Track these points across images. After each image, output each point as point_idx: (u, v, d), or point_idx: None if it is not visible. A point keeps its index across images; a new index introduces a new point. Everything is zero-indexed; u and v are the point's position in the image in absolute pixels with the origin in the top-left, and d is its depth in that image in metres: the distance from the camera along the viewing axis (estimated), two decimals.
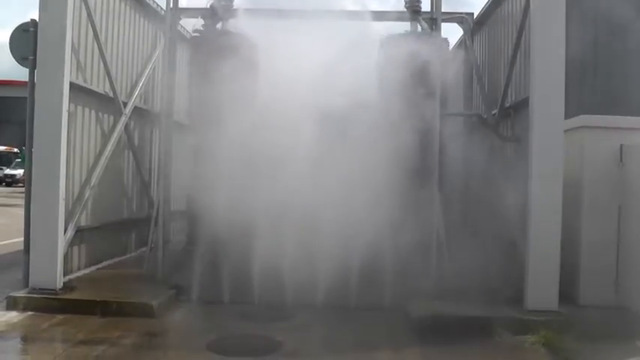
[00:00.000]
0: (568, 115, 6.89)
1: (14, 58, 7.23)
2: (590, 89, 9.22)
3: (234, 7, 9.21)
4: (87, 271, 7.99)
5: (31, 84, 7.05)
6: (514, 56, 8.17)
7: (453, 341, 5.98)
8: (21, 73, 7.86)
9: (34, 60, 6.94)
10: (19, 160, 36.53)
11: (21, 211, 7.53)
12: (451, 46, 10.17)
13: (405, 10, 9.06)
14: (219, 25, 9.38)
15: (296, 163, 7.17)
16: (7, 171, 36.62)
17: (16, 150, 38.33)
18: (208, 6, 9.15)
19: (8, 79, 39.03)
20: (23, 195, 7.30)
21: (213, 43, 8.66)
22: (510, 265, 7.33)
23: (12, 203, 20.37)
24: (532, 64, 6.96)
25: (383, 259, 7.19)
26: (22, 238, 7.21)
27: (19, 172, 35.56)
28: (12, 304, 6.53)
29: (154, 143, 10.19)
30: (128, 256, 9.34)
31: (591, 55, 9.33)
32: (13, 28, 7.31)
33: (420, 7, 8.79)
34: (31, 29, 6.99)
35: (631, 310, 6.84)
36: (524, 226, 7.03)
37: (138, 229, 9.64)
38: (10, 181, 35.44)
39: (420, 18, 9.00)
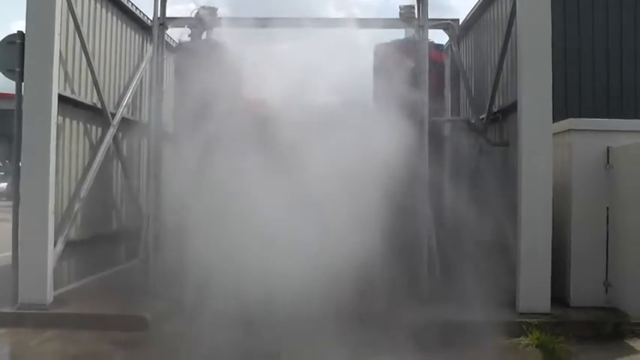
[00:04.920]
0: None
1: (0, 70, 7.16)
2: None
3: (219, 16, 9.24)
4: (77, 284, 7.89)
5: (18, 96, 6.98)
6: (501, 61, 8.25)
7: (446, 346, 6.02)
8: (3, 85, 7.80)
9: (21, 72, 6.88)
10: (2, 173, 36.14)
11: (5, 225, 7.44)
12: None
13: (397, 17, 9.13)
14: (204, 35, 9.41)
15: (284, 171, 7.17)
16: None
17: None
18: (193, 16, 9.19)
19: None
20: (6, 209, 7.22)
21: (196, 53, 8.66)
22: (502, 269, 7.38)
23: None
24: (519, 69, 7.05)
25: (375, 266, 7.19)
26: (9, 253, 7.11)
27: (2, 185, 35.17)
28: (1, 321, 6.44)
29: (142, 154, 10.13)
30: (119, 268, 9.24)
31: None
32: None
33: (414, 15, 8.86)
34: (18, 41, 6.94)
35: (621, 310, 6.93)
36: (514, 229, 7.10)
37: (128, 241, 9.55)
38: None
39: (409, 25, 9.08)
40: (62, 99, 7.22)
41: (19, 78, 6.95)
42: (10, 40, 7.03)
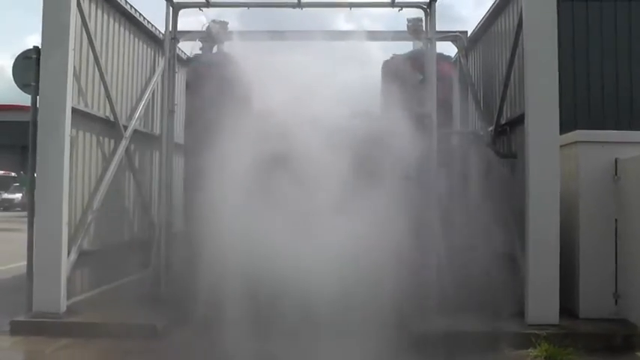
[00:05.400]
0: None
1: (17, 84, 7.35)
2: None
3: (230, 30, 9.40)
4: (90, 293, 8.00)
5: (33, 109, 7.16)
6: (508, 73, 8.31)
7: (455, 357, 6.03)
8: (17, 97, 7.97)
9: (37, 86, 7.06)
10: (17, 184, 36.62)
11: (20, 236, 7.59)
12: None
13: (405, 29, 9.24)
14: (215, 48, 9.57)
15: (295, 182, 7.25)
16: (5, 195, 36.64)
17: (13, 174, 38.41)
18: (204, 29, 9.36)
19: (5, 104, 39.29)
20: (21, 219, 7.37)
21: (207, 66, 8.83)
22: (511, 280, 7.40)
23: (11, 228, 20.34)
24: (526, 81, 7.11)
25: (384, 277, 7.23)
26: (23, 263, 7.26)
27: (17, 196, 35.69)
28: (16, 329, 6.57)
29: (154, 165, 10.28)
30: (131, 277, 9.34)
31: None
32: (16, 56, 7.47)
33: (422, 27, 8.95)
34: (34, 56, 7.12)
35: (630, 322, 6.92)
36: (523, 241, 7.13)
37: (140, 251, 9.66)
38: (7, 206, 35.43)
39: (418, 37, 9.18)
40: (76, 112, 7.37)
41: (35, 92, 7.13)
42: (27, 55, 7.23)
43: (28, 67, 7.18)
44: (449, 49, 10.80)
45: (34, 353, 6.09)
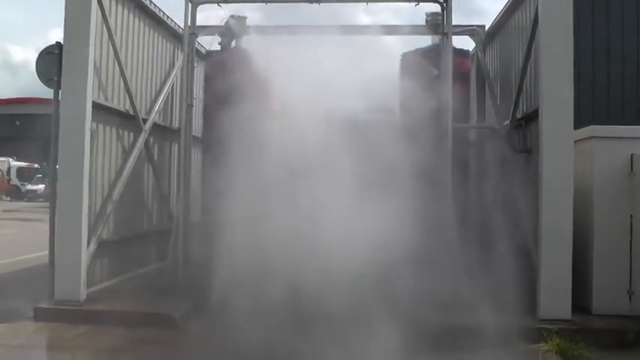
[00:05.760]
0: None
1: (40, 79, 7.53)
2: None
3: (249, 24, 9.50)
4: (109, 283, 8.21)
5: (55, 103, 7.36)
6: (524, 68, 8.29)
7: (467, 350, 6.08)
8: (39, 91, 8.15)
9: (59, 81, 7.25)
10: (40, 175, 37.33)
11: (43, 226, 7.80)
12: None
13: (424, 24, 9.25)
14: (233, 43, 9.68)
15: (311, 175, 7.35)
16: (29, 186, 37.36)
17: (36, 165, 39.14)
18: (223, 24, 9.47)
19: (28, 97, 40.05)
20: (45, 210, 7.58)
21: (225, 61, 8.95)
22: (523, 275, 7.41)
23: (35, 218, 20.82)
24: (541, 76, 7.10)
25: (397, 270, 7.30)
26: (45, 252, 7.47)
27: (40, 187, 36.37)
28: (39, 315, 6.80)
29: (173, 158, 10.46)
30: (149, 268, 9.56)
31: None
32: (39, 50, 7.66)
33: (439, 22, 8.94)
34: (56, 52, 7.31)
35: None
36: (536, 236, 7.14)
37: (158, 242, 9.87)
38: (31, 196, 36.15)
39: (435, 32, 9.19)
40: (96, 106, 7.54)
41: (57, 86, 7.32)
42: (49, 50, 7.40)
43: (50, 62, 7.37)
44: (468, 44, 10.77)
45: (56, 338, 6.32)
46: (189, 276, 8.30)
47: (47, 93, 7.70)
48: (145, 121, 9.09)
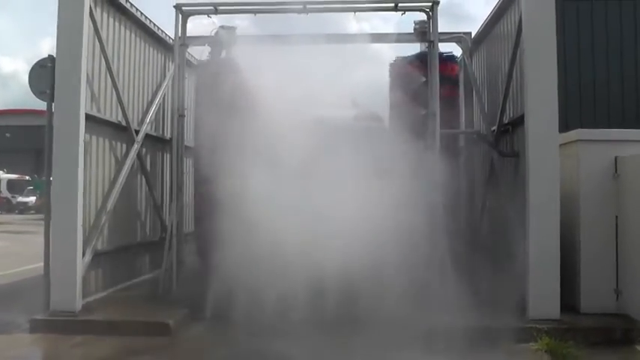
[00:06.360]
0: None
1: (33, 92, 7.62)
2: None
3: (238, 34, 9.60)
4: (104, 293, 8.26)
5: (49, 116, 7.44)
6: (510, 73, 8.47)
7: (458, 350, 6.17)
8: (30, 102, 8.20)
9: (52, 93, 7.32)
10: (31, 187, 37.20)
11: (34, 238, 7.84)
12: None
13: (412, 32, 9.40)
14: (223, 53, 9.78)
15: (301, 179, 7.47)
16: (20, 199, 37.18)
17: (27, 178, 38.97)
18: (213, 34, 9.56)
19: (18, 108, 39.89)
20: (36, 222, 7.63)
21: (215, 71, 9.05)
22: (513, 276, 7.54)
23: (26, 230, 20.72)
24: (526, 82, 7.28)
25: (389, 273, 7.40)
26: (38, 264, 7.51)
27: (32, 199, 36.25)
28: (35, 327, 6.83)
29: (165, 168, 10.53)
30: (143, 278, 9.62)
31: None
32: (28, 60, 7.76)
33: (427, 29, 9.08)
34: (49, 65, 7.39)
35: (631, 317, 7.05)
36: (524, 237, 7.28)
37: (151, 252, 9.94)
38: (22, 208, 35.97)
39: (422, 39, 9.34)
40: (89, 118, 7.61)
41: (50, 99, 7.40)
42: (42, 63, 7.50)
43: (43, 75, 7.45)
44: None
45: (53, 349, 6.37)
46: (183, 285, 8.37)
47: (38, 104, 7.76)
48: (137, 132, 9.17)
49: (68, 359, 6.10)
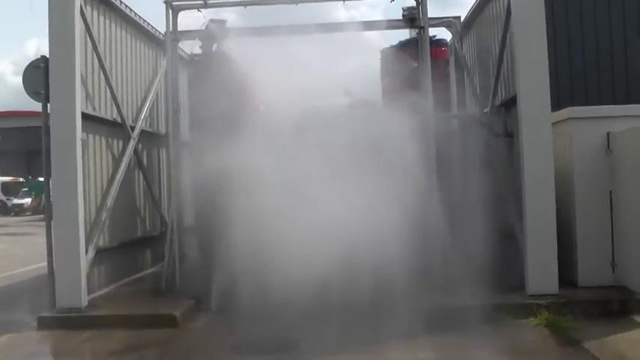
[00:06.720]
0: None
1: (27, 93, 7.61)
2: None
3: (228, 27, 9.62)
4: (108, 289, 8.35)
5: (45, 116, 7.46)
6: (501, 56, 8.55)
7: (460, 328, 6.30)
8: (18, 103, 8.21)
9: (47, 94, 7.35)
10: (26, 189, 37.07)
11: (32, 239, 7.90)
12: None
13: (400, 18, 9.45)
14: (214, 46, 9.80)
15: (298, 173, 7.53)
16: (15, 200, 37.06)
17: (21, 179, 38.81)
18: (204, 28, 9.58)
19: (9, 110, 39.63)
20: (33, 223, 7.69)
21: (206, 64, 9.09)
22: (511, 254, 7.68)
23: (23, 232, 20.75)
24: (516, 62, 7.37)
25: (390, 255, 7.48)
26: (38, 265, 7.55)
27: (27, 200, 36.15)
28: (43, 324, 6.92)
29: (162, 163, 10.59)
30: (145, 272, 9.70)
31: None
32: (15, 61, 7.77)
33: (416, 15, 9.13)
34: (42, 65, 7.41)
35: (628, 288, 7.19)
36: (521, 215, 7.40)
37: (152, 247, 10.02)
38: (18, 210, 35.88)
39: (412, 26, 9.39)
40: (85, 116, 7.66)
41: (45, 99, 7.42)
42: (36, 64, 7.51)
43: (37, 75, 7.46)
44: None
45: (62, 345, 6.45)
46: (186, 278, 8.45)
47: (29, 106, 7.76)
48: (133, 128, 9.21)
49: (79, 354, 6.20)
